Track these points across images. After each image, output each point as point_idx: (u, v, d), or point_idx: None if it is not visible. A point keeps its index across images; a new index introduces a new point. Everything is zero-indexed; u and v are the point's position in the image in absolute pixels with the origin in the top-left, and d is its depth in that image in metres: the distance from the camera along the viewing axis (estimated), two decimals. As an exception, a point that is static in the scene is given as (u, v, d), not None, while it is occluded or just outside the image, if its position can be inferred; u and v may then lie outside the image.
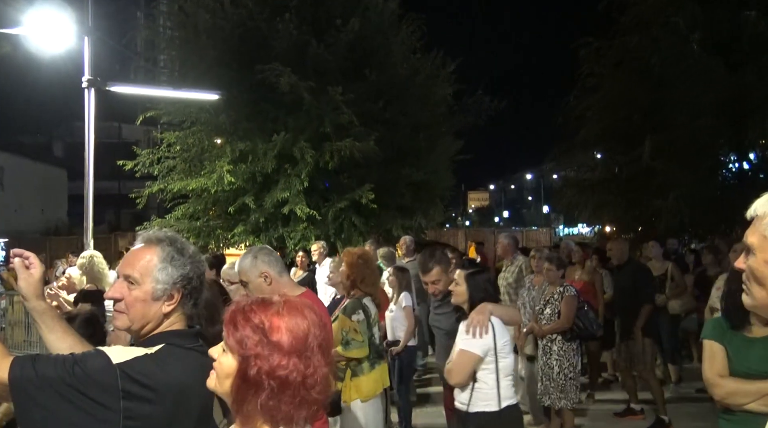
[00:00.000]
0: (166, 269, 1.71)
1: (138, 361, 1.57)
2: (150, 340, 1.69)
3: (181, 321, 1.75)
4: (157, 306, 1.71)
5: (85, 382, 1.49)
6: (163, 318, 1.72)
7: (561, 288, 5.29)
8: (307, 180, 10.16)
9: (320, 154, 10.29)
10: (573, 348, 5.19)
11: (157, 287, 1.70)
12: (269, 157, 10.30)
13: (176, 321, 1.73)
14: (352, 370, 3.98)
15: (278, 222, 10.72)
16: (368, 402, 3.95)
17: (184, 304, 1.73)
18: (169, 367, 1.59)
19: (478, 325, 3.22)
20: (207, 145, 11.15)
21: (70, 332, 1.85)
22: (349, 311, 4.00)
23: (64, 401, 1.47)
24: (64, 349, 1.74)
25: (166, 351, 1.63)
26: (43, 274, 1.86)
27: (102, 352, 1.57)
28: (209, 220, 11.42)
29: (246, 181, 10.67)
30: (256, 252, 3.00)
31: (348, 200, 10.42)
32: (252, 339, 1.24)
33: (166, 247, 1.74)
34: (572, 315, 5.16)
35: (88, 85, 7.24)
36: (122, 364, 1.54)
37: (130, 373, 1.52)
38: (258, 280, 2.95)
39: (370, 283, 4.19)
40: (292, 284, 3.10)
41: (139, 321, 1.72)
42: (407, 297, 6.02)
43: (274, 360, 1.24)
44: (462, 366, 3.24)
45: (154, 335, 1.71)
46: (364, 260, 4.21)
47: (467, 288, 3.40)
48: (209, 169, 10.73)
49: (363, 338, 3.95)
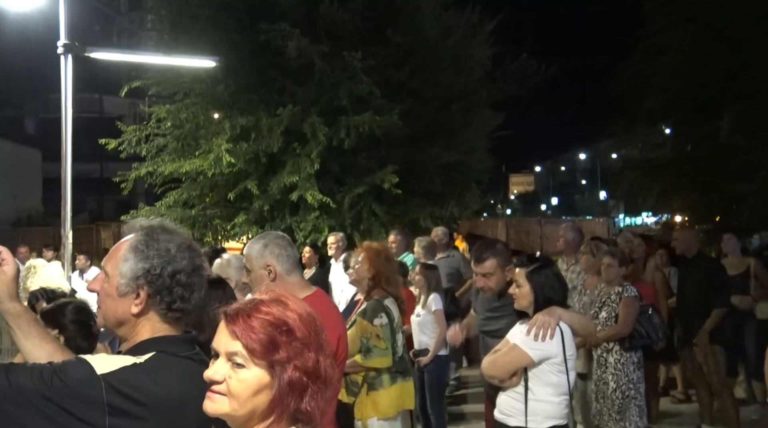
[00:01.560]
0: (128, 262, 1.74)
1: (126, 372, 1.59)
2: (138, 347, 1.72)
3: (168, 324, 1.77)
4: (125, 305, 1.75)
5: (65, 395, 1.52)
6: (137, 320, 1.75)
7: (620, 288, 5.25)
8: (319, 161, 10.20)
9: (334, 131, 10.32)
10: (633, 361, 5.15)
11: (121, 282, 1.75)
12: (275, 134, 10.35)
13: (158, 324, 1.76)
14: (369, 383, 4.01)
15: (286, 210, 10.79)
16: (387, 422, 3.98)
17: (155, 305, 1.75)
18: (161, 379, 1.61)
19: (543, 327, 3.23)
20: (203, 121, 11.24)
21: (48, 338, 1.90)
22: (369, 314, 4.03)
23: (42, 417, 1.50)
24: (41, 358, 1.78)
25: (157, 361, 1.65)
26: (18, 272, 1.90)
27: (84, 361, 1.60)
28: (206, 209, 11.54)
29: (248, 163, 10.75)
30: (270, 240, 3.04)
31: (367, 185, 10.44)
32: (281, 340, 1.33)
33: (137, 237, 1.78)
34: (632, 319, 5.13)
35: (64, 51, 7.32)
36: (108, 375, 1.56)
37: (116, 385, 1.55)
38: (261, 272, 3.00)
39: (393, 283, 4.23)
40: (301, 283, 3.12)
41: (111, 319, 1.77)
42: (437, 299, 6.03)
43: (308, 356, 1.35)
44: (507, 361, 3.29)
45: (143, 342, 1.74)
46: (387, 257, 4.25)
47: (531, 289, 3.38)
48: (205, 148, 10.82)
49: (386, 345, 3.98)
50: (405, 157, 10.94)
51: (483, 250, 3.96)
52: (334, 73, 10.39)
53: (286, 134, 10.48)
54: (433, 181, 11.53)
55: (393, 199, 10.74)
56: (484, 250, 3.95)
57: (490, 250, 3.94)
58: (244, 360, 1.33)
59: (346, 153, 10.79)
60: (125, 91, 11.65)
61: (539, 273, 3.40)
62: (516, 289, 3.46)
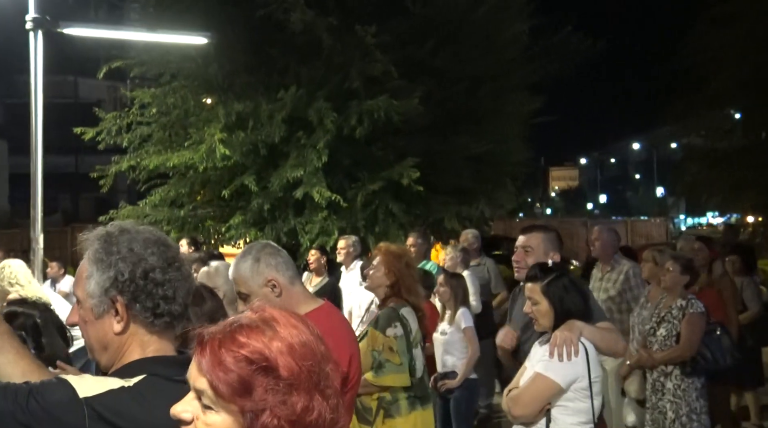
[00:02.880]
0: (92, 278, 1.76)
1: (112, 396, 1.60)
2: (127, 368, 1.74)
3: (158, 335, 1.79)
4: (106, 326, 1.76)
5: (42, 420, 1.54)
6: (122, 339, 1.76)
7: (683, 301, 5.21)
8: (327, 153, 10.20)
9: (345, 118, 10.33)
10: (696, 387, 5.11)
11: (93, 302, 1.76)
12: (276, 121, 10.38)
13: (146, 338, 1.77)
14: (384, 409, 4.01)
15: (289, 210, 10.82)
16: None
17: (139, 315, 1.76)
18: (151, 405, 1.62)
19: (566, 343, 3.23)
20: (193, 107, 11.30)
21: (24, 354, 1.93)
22: (382, 323, 4.03)
23: None
24: (15, 375, 1.81)
25: (147, 384, 1.67)
26: None
27: (66, 382, 1.62)
28: (196, 208, 11.60)
29: (245, 155, 10.79)
30: (258, 251, 3.03)
31: (383, 180, 10.43)
32: (256, 380, 1.22)
33: (93, 248, 1.79)
34: (697, 340, 5.08)
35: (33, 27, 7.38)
36: (92, 399, 1.58)
37: (101, 411, 1.56)
38: (263, 291, 2.97)
39: (416, 293, 4.24)
40: (306, 295, 3.13)
41: (99, 349, 1.79)
42: (467, 314, 6.03)
43: (294, 401, 1.23)
44: (534, 395, 3.27)
45: (133, 362, 1.75)
46: (408, 263, 4.25)
47: (550, 304, 3.39)
48: (196, 138, 10.88)
49: (401, 360, 3.97)
50: (427, 148, 10.91)
51: (532, 226, 4.12)
52: (344, 51, 10.39)
53: (289, 122, 10.50)
54: (460, 176, 11.51)
55: (413, 197, 10.72)
56: (533, 226, 4.13)
57: (541, 227, 4.08)
58: (211, 403, 1.25)
59: (359, 143, 10.79)
60: (103, 72, 11.72)
61: (555, 285, 3.40)
62: (533, 308, 3.45)
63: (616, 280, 6.38)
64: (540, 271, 3.50)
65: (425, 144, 10.97)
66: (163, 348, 1.79)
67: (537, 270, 3.51)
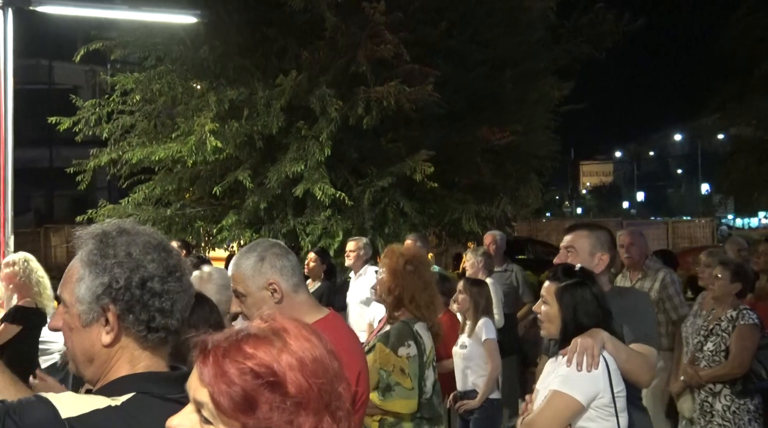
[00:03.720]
0: (83, 281, 1.75)
1: (98, 417, 1.60)
2: (114, 385, 1.73)
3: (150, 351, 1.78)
4: (93, 336, 1.75)
5: None
6: (110, 352, 1.76)
7: (734, 312, 5.18)
8: (330, 145, 10.21)
9: (351, 106, 10.34)
10: (749, 409, 5.07)
11: (81, 308, 1.75)
12: (274, 110, 10.39)
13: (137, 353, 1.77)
14: (386, 434, 3.99)
15: (288, 209, 10.84)
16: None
17: (131, 327, 1.75)
18: (142, 426, 1.62)
19: (586, 352, 3.20)
20: (181, 94, 11.32)
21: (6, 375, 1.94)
22: (394, 341, 3.99)
23: None
24: None
25: (137, 404, 1.66)
26: None
27: (47, 401, 1.62)
28: (185, 207, 11.63)
29: (239, 148, 10.82)
30: (265, 250, 3.02)
31: (394, 176, 10.44)
32: (262, 396, 1.23)
33: (88, 248, 1.79)
34: (749, 356, 5.05)
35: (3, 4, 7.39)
36: (75, 420, 1.57)
37: None
38: (261, 294, 2.97)
39: (424, 303, 4.17)
40: (309, 303, 3.11)
41: (81, 358, 1.78)
42: (489, 325, 6.00)
43: (302, 422, 1.24)
44: (552, 416, 3.23)
45: (121, 378, 1.75)
46: (414, 265, 4.18)
47: (560, 310, 3.38)
48: (184, 129, 10.89)
49: (412, 384, 3.95)
50: (443, 140, 10.92)
51: (577, 225, 4.10)
52: (349, 31, 10.40)
53: (289, 110, 10.52)
54: (480, 171, 11.51)
55: (427, 195, 10.73)
56: (578, 224, 4.10)
57: (587, 225, 4.03)
58: (211, 417, 1.25)
59: (366, 134, 10.80)
60: (81, 55, 11.75)
61: (573, 293, 3.37)
62: (542, 308, 3.45)
63: (650, 289, 6.35)
64: (562, 272, 3.48)
65: (440, 135, 10.98)
66: (154, 365, 1.78)
67: (559, 270, 3.51)
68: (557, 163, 15.74)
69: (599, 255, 3.80)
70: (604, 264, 3.77)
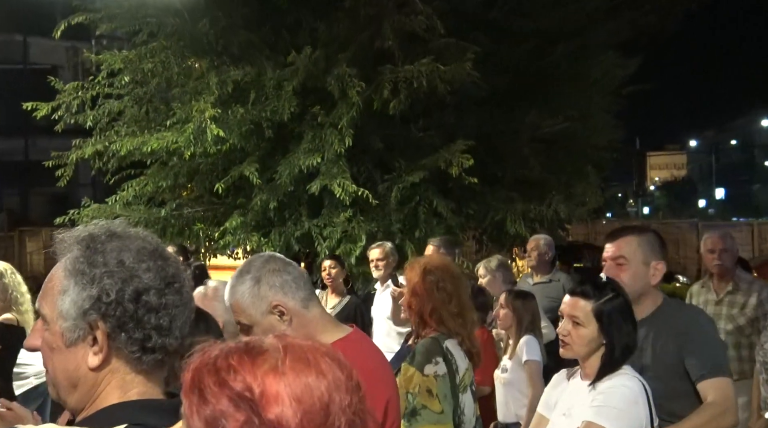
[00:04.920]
0: (68, 293, 1.75)
1: None
2: (101, 416, 1.74)
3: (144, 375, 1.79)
4: (78, 358, 1.76)
5: None
6: (97, 377, 1.76)
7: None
8: (351, 134, 10.20)
9: (375, 88, 10.34)
10: None
11: (65, 325, 1.75)
12: (285, 93, 10.40)
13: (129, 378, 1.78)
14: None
15: (302, 209, 10.86)
16: None
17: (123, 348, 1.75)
18: None
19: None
20: (177, 75, 11.36)
21: None
22: (419, 358, 3.99)
23: None
24: None
25: None
26: None
27: None
28: (182, 207, 11.67)
29: (245, 138, 10.83)
30: (259, 269, 3.03)
31: (426, 169, 10.44)
32: (234, 419, 1.23)
33: (73, 254, 1.79)
34: None
35: (-27, -27, 7.50)
36: None
37: None
38: (268, 320, 2.98)
39: (449, 316, 4.17)
40: (326, 321, 3.12)
41: (65, 385, 1.79)
42: (531, 344, 5.97)
43: None
44: None
45: (108, 408, 1.75)
46: (436, 276, 4.18)
47: (602, 332, 3.39)
48: (181, 115, 10.90)
49: (442, 407, 3.95)
50: (484, 127, 10.90)
51: (622, 229, 4.02)
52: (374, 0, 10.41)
53: (303, 93, 10.54)
54: (527, 164, 11.49)
55: (465, 192, 10.73)
56: (623, 229, 4.02)
57: (633, 229, 3.98)
58: None
59: (394, 121, 10.81)
60: (61, 30, 11.79)
61: (613, 307, 3.39)
62: (570, 329, 3.44)
63: (745, 304, 6.27)
64: (593, 286, 3.49)
65: (481, 122, 10.95)
66: (149, 391, 1.78)
67: (589, 285, 3.51)
68: (620, 154, 15.67)
69: (654, 265, 3.77)
70: (661, 274, 3.73)
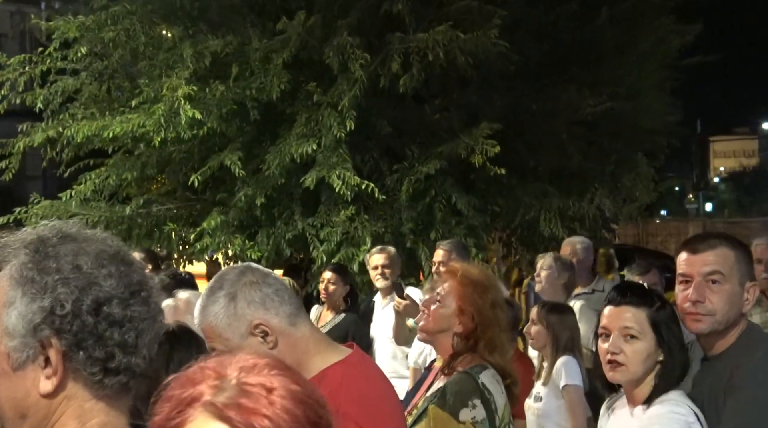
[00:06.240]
0: (14, 307, 1.75)
1: None
2: None
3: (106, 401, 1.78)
4: (27, 382, 1.76)
5: None
6: (51, 404, 1.76)
7: None
8: (353, 116, 10.22)
9: (382, 60, 10.37)
10: None
11: (11, 344, 1.75)
12: (275, 67, 10.44)
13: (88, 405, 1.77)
14: None
15: (294, 206, 10.89)
16: None
17: (80, 370, 1.75)
18: None
19: None
20: (144, 45, 11.38)
21: None
22: (453, 401, 3.96)
23: None
24: None
25: None
26: None
27: None
28: (150, 203, 11.72)
29: (226, 120, 10.86)
30: (233, 284, 3.00)
31: (443, 158, 10.46)
32: None
33: (19, 261, 1.79)
34: None
35: None
36: None
37: None
38: (249, 343, 2.95)
39: (501, 346, 4.15)
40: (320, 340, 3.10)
41: (12, 416, 1.78)
42: (571, 366, 5.96)
43: None
44: None
45: None
46: (483, 289, 4.16)
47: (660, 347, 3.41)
48: (149, 94, 10.95)
49: (481, 458, 3.95)
50: (513, 108, 10.91)
51: (708, 236, 3.86)
52: (379, -44, 10.44)
53: (295, 67, 10.58)
54: (565, 152, 11.52)
55: (491, 185, 10.77)
56: (710, 236, 3.84)
57: (724, 238, 3.79)
58: None
59: (405, 100, 10.84)
60: (7, -8, 11.92)
61: (666, 315, 3.44)
62: (622, 344, 3.44)
63: None
64: (639, 293, 3.54)
65: (509, 101, 10.97)
66: (112, 421, 1.78)
67: (637, 291, 3.56)
68: (677, 139, 15.70)
69: (749, 286, 3.59)
70: (754, 299, 3.58)
